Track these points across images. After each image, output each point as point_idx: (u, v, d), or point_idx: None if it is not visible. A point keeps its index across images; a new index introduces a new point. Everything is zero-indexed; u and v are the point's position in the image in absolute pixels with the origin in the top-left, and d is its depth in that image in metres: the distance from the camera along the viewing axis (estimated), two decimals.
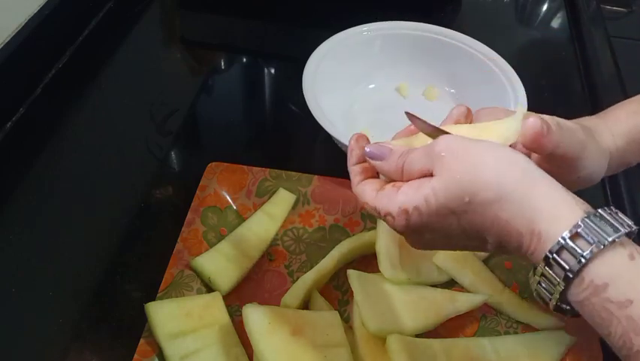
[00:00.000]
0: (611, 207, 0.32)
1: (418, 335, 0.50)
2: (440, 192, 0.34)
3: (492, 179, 0.33)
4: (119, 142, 0.69)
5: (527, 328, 0.53)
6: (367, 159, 0.40)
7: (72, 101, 0.74)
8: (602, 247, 0.29)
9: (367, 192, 0.39)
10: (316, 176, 0.61)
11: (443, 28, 0.73)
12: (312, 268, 0.54)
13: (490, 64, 0.69)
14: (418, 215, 0.35)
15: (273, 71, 0.85)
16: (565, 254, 0.30)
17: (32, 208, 0.61)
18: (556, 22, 0.97)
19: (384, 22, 0.73)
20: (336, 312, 0.50)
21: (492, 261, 0.57)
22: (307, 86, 0.64)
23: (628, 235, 0.31)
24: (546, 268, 0.31)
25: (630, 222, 0.31)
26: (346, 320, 0.52)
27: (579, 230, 0.30)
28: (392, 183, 0.38)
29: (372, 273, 0.53)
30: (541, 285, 0.33)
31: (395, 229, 0.37)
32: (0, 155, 0.65)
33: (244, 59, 0.87)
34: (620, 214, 0.31)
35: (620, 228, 0.30)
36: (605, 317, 0.29)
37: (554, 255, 0.30)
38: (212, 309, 0.51)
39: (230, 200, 0.60)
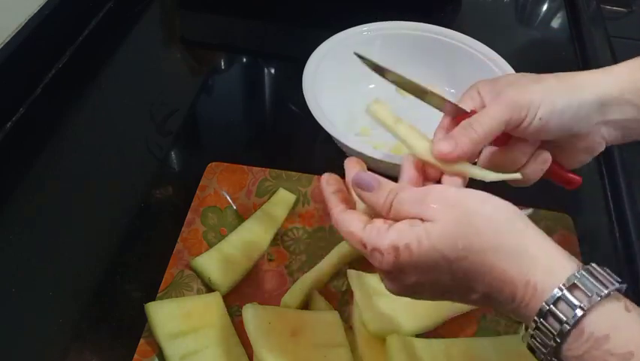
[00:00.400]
0: (598, 264, 0.31)
1: (418, 335, 0.50)
2: (434, 234, 0.33)
3: (488, 227, 0.32)
4: (119, 142, 0.69)
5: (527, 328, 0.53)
6: (353, 186, 0.38)
7: (72, 101, 0.74)
8: (599, 298, 0.29)
9: (354, 222, 0.36)
10: (316, 176, 0.61)
11: (443, 28, 0.73)
12: (312, 268, 0.54)
13: (490, 64, 0.69)
14: (408, 254, 0.33)
15: (273, 71, 0.85)
16: (562, 305, 0.30)
17: (32, 208, 0.61)
18: (556, 22, 0.97)
19: (384, 22, 0.73)
20: (336, 312, 0.50)
21: None
22: (307, 86, 0.64)
23: (618, 290, 0.31)
24: (541, 320, 0.30)
25: (618, 279, 0.31)
26: (346, 320, 0.52)
27: (576, 281, 0.30)
28: (381, 219, 0.36)
29: (372, 273, 0.53)
30: (535, 339, 0.32)
31: (380, 267, 0.35)
32: (0, 155, 0.65)
33: (244, 59, 0.87)
34: (608, 270, 0.31)
35: (612, 281, 0.30)
36: None
37: (551, 306, 0.30)
38: (212, 309, 0.51)
39: (230, 200, 0.60)
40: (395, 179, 0.62)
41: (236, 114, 0.76)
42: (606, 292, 0.29)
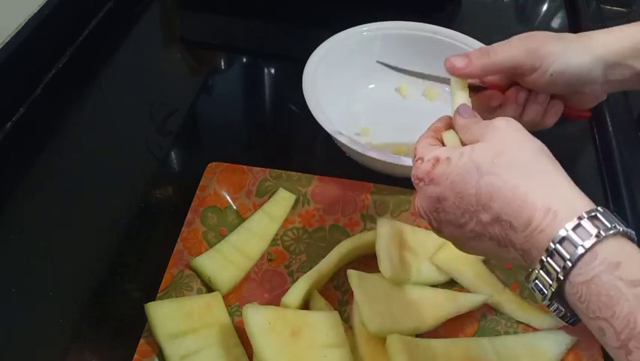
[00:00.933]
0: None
1: (418, 335, 0.50)
2: (477, 149, 0.36)
3: (525, 151, 0.36)
4: (119, 142, 0.69)
5: (527, 328, 0.53)
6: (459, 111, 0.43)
7: (72, 101, 0.74)
8: (616, 231, 0.31)
9: (423, 138, 0.42)
10: (316, 176, 0.61)
11: (443, 28, 0.73)
12: (312, 268, 0.54)
13: None
14: (446, 165, 0.37)
15: (273, 71, 0.85)
16: (579, 231, 0.31)
17: (32, 208, 0.61)
18: (556, 22, 0.97)
19: (384, 22, 0.73)
20: (336, 312, 0.50)
21: (492, 261, 0.57)
22: (307, 86, 0.64)
23: (631, 238, 0.32)
24: (556, 245, 0.31)
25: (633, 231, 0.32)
26: (346, 320, 0.52)
27: (596, 213, 0.31)
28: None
29: (372, 273, 0.53)
30: (543, 270, 0.33)
31: (415, 174, 0.39)
32: (0, 155, 0.65)
33: (244, 59, 0.87)
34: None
35: (629, 227, 0.32)
36: (613, 295, 0.29)
37: (570, 232, 0.31)
38: (212, 309, 0.51)
39: (230, 200, 0.60)
40: (395, 179, 0.62)
41: (236, 114, 0.76)
42: (623, 228, 0.31)
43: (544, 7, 1.00)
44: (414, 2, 0.86)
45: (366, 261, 0.56)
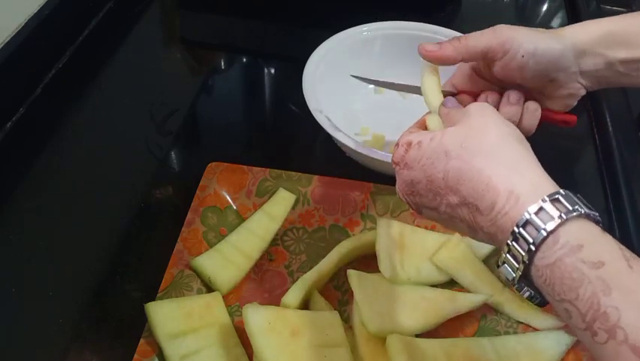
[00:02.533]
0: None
1: (418, 335, 0.50)
2: (447, 135, 0.38)
3: (492, 134, 0.36)
4: (119, 142, 0.69)
5: (527, 328, 0.53)
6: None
7: (72, 101, 0.74)
8: (579, 213, 0.31)
9: (406, 130, 0.44)
10: (316, 176, 0.61)
11: (443, 28, 0.73)
12: (312, 268, 0.54)
13: None
14: (417, 149, 0.39)
15: (273, 71, 0.85)
16: (542, 214, 0.31)
17: (32, 208, 0.61)
18: (556, 22, 0.97)
19: (384, 22, 0.73)
20: (336, 312, 0.50)
21: (492, 261, 0.57)
22: (307, 86, 0.64)
23: (596, 220, 0.32)
24: (520, 229, 0.32)
25: (597, 213, 0.33)
26: (346, 320, 0.52)
27: (559, 197, 0.32)
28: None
29: (372, 273, 0.53)
30: (509, 254, 0.33)
31: (393, 159, 0.42)
32: (0, 155, 0.65)
33: (244, 59, 0.87)
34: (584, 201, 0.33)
35: (592, 209, 0.32)
36: (576, 277, 0.29)
37: (532, 215, 0.32)
38: (212, 309, 0.51)
39: (230, 200, 0.60)
40: (394, 179, 0.62)
41: (237, 114, 0.76)
42: (585, 211, 0.32)
43: (544, 7, 1.00)
44: (414, 2, 0.86)
45: (366, 261, 0.56)
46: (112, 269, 0.56)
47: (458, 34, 0.72)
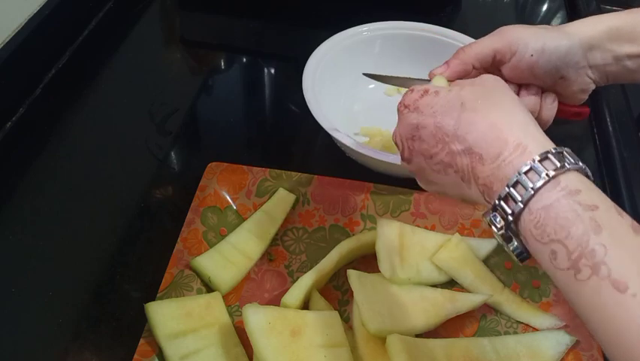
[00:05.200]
0: None
1: (418, 335, 0.50)
2: (464, 89, 0.39)
3: (508, 98, 0.38)
4: (118, 142, 0.69)
5: (527, 328, 0.53)
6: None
7: (72, 101, 0.74)
8: (578, 167, 0.34)
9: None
10: (316, 176, 0.61)
11: (443, 28, 0.73)
12: (312, 268, 0.54)
13: None
14: (433, 96, 0.40)
15: (273, 71, 0.85)
16: (546, 163, 0.33)
17: (32, 208, 0.61)
18: (556, 22, 0.97)
19: (384, 22, 0.73)
20: (336, 312, 0.50)
21: (492, 261, 0.57)
22: (307, 86, 0.64)
23: (592, 181, 0.35)
24: (523, 174, 0.33)
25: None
26: (346, 320, 0.52)
27: (564, 152, 0.34)
28: None
29: (372, 273, 0.53)
30: (503, 200, 0.35)
31: (402, 102, 0.42)
32: (0, 155, 0.65)
33: (244, 59, 0.87)
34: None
35: (590, 171, 0.35)
36: (570, 217, 0.31)
37: (536, 163, 0.33)
38: (212, 309, 0.51)
39: (230, 200, 0.60)
40: (395, 179, 0.62)
41: (237, 114, 0.76)
42: (585, 167, 0.34)
43: (544, 7, 1.00)
44: (414, 2, 0.87)
45: (366, 261, 0.56)
46: (112, 269, 0.56)
47: (458, 34, 0.72)
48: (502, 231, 0.35)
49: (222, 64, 0.86)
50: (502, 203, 0.35)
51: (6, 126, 0.68)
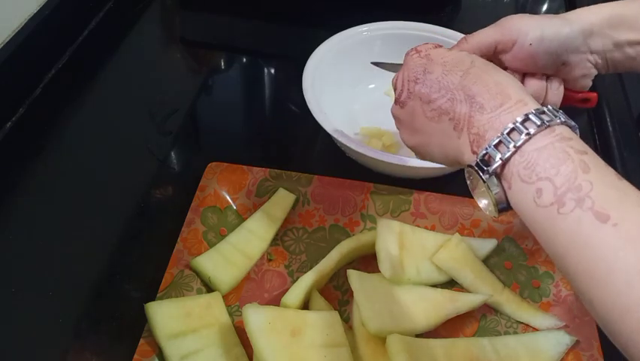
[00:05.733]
0: None
1: (418, 335, 0.50)
2: (476, 56, 0.41)
3: (509, 75, 0.40)
4: (118, 142, 0.69)
5: (527, 328, 0.53)
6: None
7: (72, 101, 0.74)
8: (573, 125, 0.36)
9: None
10: (316, 176, 0.61)
11: (443, 28, 0.73)
12: (312, 268, 0.54)
13: None
14: (446, 51, 0.43)
15: (273, 71, 0.85)
16: (544, 116, 0.35)
17: (32, 208, 0.61)
18: None
19: (384, 22, 0.73)
20: (336, 312, 0.50)
21: (492, 261, 0.57)
22: (307, 86, 0.64)
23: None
24: (519, 124, 0.35)
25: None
26: (346, 320, 0.52)
27: (558, 113, 0.36)
28: None
29: (372, 273, 0.53)
30: (495, 146, 0.36)
31: (416, 48, 0.45)
32: (0, 155, 0.65)
33: (244, 59, 0.87)
34: None
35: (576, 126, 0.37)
36: (561, 157, 0.33)
37: (535, 114, 0.35)
38: (212, 309, 0.51)
39: (230, 200, 0.60)
40: (395, 179, 0.62)
41: (236, 114, 0.76)
42: (577, 126, 0.36)
43: (545, 7, 1.00)
44: (414, 2, 0.87)
45: (366, 261, 0.56)
46: (112, 269, 0.56)
47: (458, 34, 0.72)
48: (487, 175, 0.37)
49: (222, 64, 0.86)
50: (493, 148, 0.36)
51: (6, 126, 0.68)
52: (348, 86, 0.72)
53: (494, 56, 0.48)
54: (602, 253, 0.29)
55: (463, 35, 0.71)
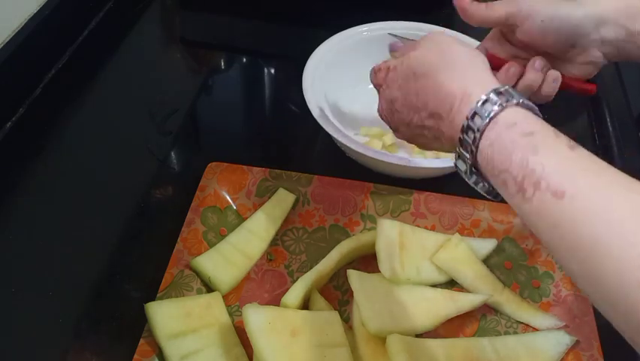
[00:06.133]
0: None
1: (418, 335, 0.50)
2: (412, 57, 0.44)
3: (450, 52, 0.42)
4: (118, 142, 0.69)
5: (527, 328, 0.53)
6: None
7: (72, 101, 0.74)
8: (514, 102, 0.36)
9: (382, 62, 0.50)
10: (316, 176, 0.61)
11: (443, 28, 0.73)
12: (312, 268, 0.54)
13: None
14: (394, 72, 0.46)
15: (273, 71, 0.85)
16: (487, 105, 0.36)
17: (32, 208, 0.61)
18: None
19: (384, 22, 0.73)
20: (336, 312, 0.50)
21: (492, 261, 0.57)
22: (307, 86, 0.64)
23: (536, 114, 0.37)
24: (469, 121, 0.37)
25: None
26: (346, 320, 0.52)
27: (502, 90, 0.37)
28: None
29: (372, 273, 0.53)
30: (462, 147, 0.38)
31: (376, 82, 0.49)
32: (0, 155, 0.65)
33: (244, 59, 0.87)
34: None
35: (525, 100, 0.37)
36: (509, 146, 0.34)
37: (478, 106, 0.37)
38: (212, 309, 0.51)
39: (230, 200, 0.60)
40: (395, 179, 0.62)
41: (236, 114, 0.76)
42: (525, 101, 0.36)
43: None
44: (414, 2, 0.86)
45: (366, 261, 0.56)
46: (112, 269, 0.56)
47: (458, 34, 0.72)
48: (467, 175, 0.39)
49: (222, 64, 0.86)
50: (462, 150, 0.38)
51: (6, 126, 0.68)
52: (348, 86, 0.72)
53: (506, 27, 0.49)
54: (568, 228, 0.30)
55: (462, 35, 0.71)
